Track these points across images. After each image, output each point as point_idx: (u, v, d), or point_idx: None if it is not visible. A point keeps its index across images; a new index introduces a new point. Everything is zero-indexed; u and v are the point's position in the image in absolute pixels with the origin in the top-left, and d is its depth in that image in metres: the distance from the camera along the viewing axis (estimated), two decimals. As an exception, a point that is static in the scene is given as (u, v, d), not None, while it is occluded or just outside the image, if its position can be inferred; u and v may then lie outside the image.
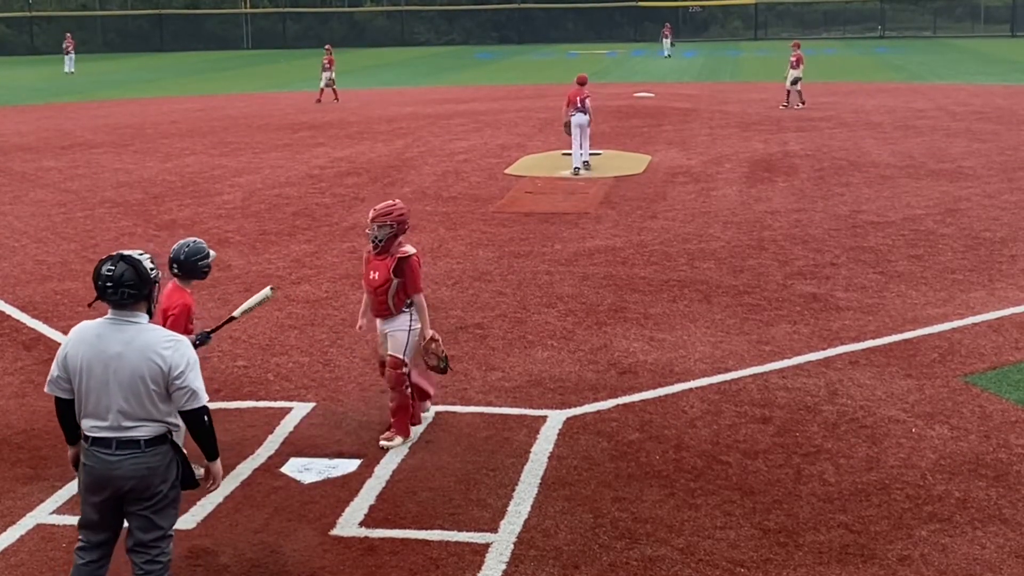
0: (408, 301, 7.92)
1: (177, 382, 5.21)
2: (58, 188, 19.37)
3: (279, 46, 69.77)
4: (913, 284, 11.91)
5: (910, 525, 6.64)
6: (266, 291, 8.07)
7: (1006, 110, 28.39)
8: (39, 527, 6.84)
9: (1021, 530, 6.56)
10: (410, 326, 7.94)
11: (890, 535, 6.52)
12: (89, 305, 5.81)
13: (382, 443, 7.91)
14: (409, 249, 7.93)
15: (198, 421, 5.33)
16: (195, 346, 7.39)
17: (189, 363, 5.25)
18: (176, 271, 7.35)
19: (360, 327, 8.45)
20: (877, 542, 6.44)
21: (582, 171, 19.62)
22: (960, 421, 8.20)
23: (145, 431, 5.23)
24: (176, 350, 5.25)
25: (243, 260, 13.62)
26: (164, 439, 5.30)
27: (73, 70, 49.69)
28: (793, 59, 29.87)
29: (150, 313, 5.38)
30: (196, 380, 5.27)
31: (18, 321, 11.36)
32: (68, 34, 53.09)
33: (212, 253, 7.54)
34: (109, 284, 5.23)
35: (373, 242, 7.94)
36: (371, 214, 7.94)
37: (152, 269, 5.34)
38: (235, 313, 7.92)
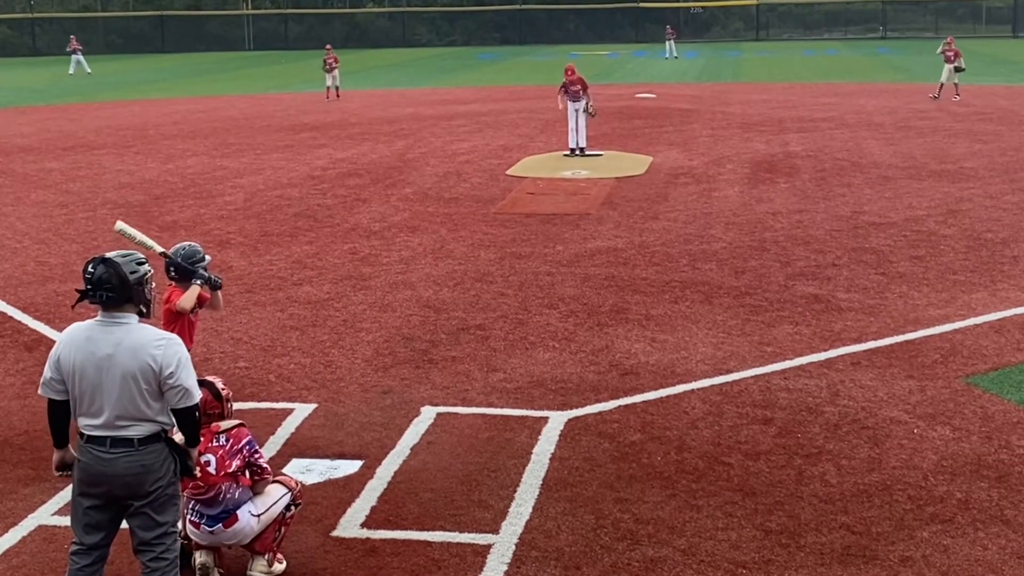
0: None
1: (170, 381, 5.22)
2: (60, 189, 19.38)
3: (281, 47, 69.84)
4: (915, 285, 11.90)
5: (912, 526, 6.64)
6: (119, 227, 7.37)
7: (1008, 111, 28.37)
8: (40, 528, 6.85)
9: (1023, 531, 6.56)
10: None
11: (892, 536, 6.52)
12: (72, 307, 5.82)
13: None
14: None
15: (189, 417, 5.36)
16: (214, 288, 7.39)
17: (180, 361, 5.25)
18: (173, 275, 7.36)
19: None
20: (879, 543, 6.44)
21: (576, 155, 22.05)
22: (962, 422, 8.20)
23: (138, 430, 5.24)
24: (167, 349, 5.25)
25: (245, 261, 13.62)
26: (158, 437, 5.31)
27: (90, 70, 49.37)
28: (951, 53, 31.07)
29: (142, 313, 5.36)
30: (189, 378, 5.28)
31: (20, 322, 11.36)
32: (72, 37, 53.04)
33: (208, 257, 7.47)
34: (89, 286, 5.26)
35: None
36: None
37: (134, 272, 5.31)
38: (156, 247, 7.28)
